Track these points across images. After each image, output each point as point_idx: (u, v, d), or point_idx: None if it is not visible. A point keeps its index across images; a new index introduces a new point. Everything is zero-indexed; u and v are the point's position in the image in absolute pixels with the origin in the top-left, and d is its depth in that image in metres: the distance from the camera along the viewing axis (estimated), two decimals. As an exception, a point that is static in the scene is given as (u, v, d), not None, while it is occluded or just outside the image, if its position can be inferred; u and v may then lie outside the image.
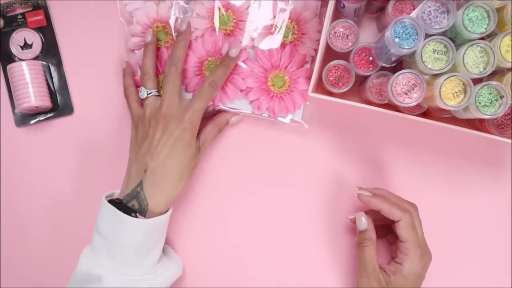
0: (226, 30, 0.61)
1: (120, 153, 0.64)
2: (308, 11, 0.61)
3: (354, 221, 0.57)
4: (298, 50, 0.61)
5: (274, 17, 0.60)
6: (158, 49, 0.62)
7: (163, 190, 0.55)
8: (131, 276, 0.54)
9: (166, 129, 0.55)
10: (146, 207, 0.55)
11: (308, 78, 0.59)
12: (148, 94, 0.56)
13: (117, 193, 0.57)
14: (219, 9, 0.60)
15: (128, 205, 0.54)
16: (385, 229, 0.61)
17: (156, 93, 0.57)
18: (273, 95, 0.61)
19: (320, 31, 0.61)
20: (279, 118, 0.62)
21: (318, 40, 0.61)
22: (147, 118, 0.56)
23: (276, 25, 0.60)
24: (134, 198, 0.55)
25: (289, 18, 0.60)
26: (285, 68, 0.61)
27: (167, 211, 0.57)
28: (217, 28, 0.60)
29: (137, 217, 0.53)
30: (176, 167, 0.56)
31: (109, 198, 0.55)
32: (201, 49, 0.61)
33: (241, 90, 0.61)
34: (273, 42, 0.60)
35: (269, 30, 0.61)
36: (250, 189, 0.64)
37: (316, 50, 0.61)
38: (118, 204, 0.54)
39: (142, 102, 0.59)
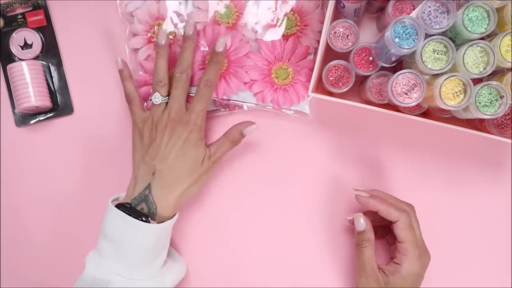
0: (228, 23, 0.61)
1: (120, 153, 0.64)
2: (310, 2, 0.61)
3: (352, 222, 0.57)
4: (301, 41, 0.61)
5: (276, 9, 0.61)
6: None
7: (172, 192, 0.55)
8: (140, 280, 0.54)
9: (173, 132, 0.56)
10: (155, 211, 0.55)
11: (311, 69, 0.59)
12: (162, 101, 0.57)
13: (122, 196, 0.57)
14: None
15: (137, 208, 0.54)
16: (384, 229, 0.61)
17: (167, 99, 0.57)
18: (277, 87, 0.61)
19: (322, 22, 0.61)
20: (283, 110, 0.62)
21: (321, 31, 0.61)
22: (154, 122, 0.56)
23: (278, 17, 0.61)
24: (142, 201, 0.55)
25: (291, 9, 0.61)
26: (289, 60, 0.61)
27: (174, 214, 0.57)
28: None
29: (148, 221, 0.53)
30: (184, 168, 0.56)
31: (116, 203, 0.55)
32: (204, 43, 0.61)
33: (245, 83, 0.61)
34: (276, 34, 0.61)
35: (271, 22, 0.61)
36: (251, 188, 0.64)
37: (319, 42, 0.61)
38: (128, 208, 0.54)
39: (143, 106, 0.59)
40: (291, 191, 0.64)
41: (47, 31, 0.65)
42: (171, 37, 0.61)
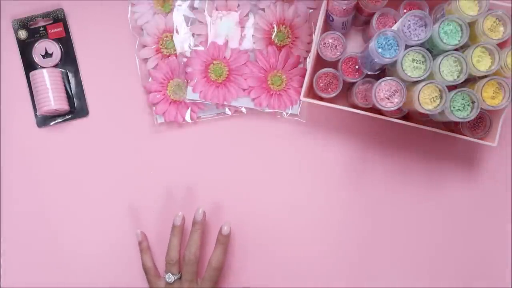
0: (228, 36, 0.62)
1: (129, 151, 0.65)
2: (299, 18, 0.62)
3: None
4: (293, 52, 0.62)
5: (271, 23, 0.62)
6: (168, 56, 0.63)
7: None
8: None
9: None
10: None
11: (302, 76, 0.60)
12: (174, 279, 0.60)
13: None
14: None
15: None
16: None
17: (179, 276, 0.60)
18: (272, 93, 0.62)
19: (310, 35, 0.63)
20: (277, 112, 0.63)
21: (309, 43, 0.62)
22: None
23: (272, 30, 0.62)
24: None
25: (283, 23, 0.62)
26: (282, 68, 0.62)
27: None
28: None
29: None
30: None
31: None
32: (206, 54, 0.62)
33: (244, 89, 0.62)
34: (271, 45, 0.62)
35: (267, 35, 0.62)
36: (249, 184, 0.64)
37: (308, 52, 0.62)
38: None
39: (158, 273, 0.62)
40: (285, 185, 0.64)
41: (66, 41, 0.65)
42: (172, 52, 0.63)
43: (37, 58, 0.64)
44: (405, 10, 0.55)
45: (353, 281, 0.63)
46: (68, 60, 0.65)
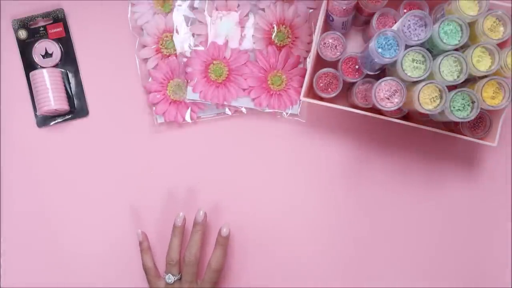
0: (228, 36, 0.62)
1: (129, 151, 0.65)
2: (299, 18, 0.62)
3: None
4: (293, 52, 0.62)
5: (271, 23, 0.62)
6: (168, 56, 0.63)
7: None
8: None
9: None
10: None
11: (302, 76, 0.60)
12: (174, 280, 0.60)
13: None
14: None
15: None
16: None
17: (179, 277, 0.60)
18: (272, 93, 0.62)
19: (310, 35, 0.63)
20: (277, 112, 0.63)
21: (309, 43, 0.63)
22: None
23: (272, 30, 0.62)
24: None
25: (283, 23, 0.62)
26: (282, 68, 0.62)
27: None
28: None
29: None
30: None
31: None
32: (206, 54, 0.62)
33: (244, 89, 0.62)
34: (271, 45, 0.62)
35: (267, 35, 0.62)
36: (248, 183, 0.64)
37: (308, 52, 0.63)
38: None
39: (159, 273, 0.62)
40: (286, 186, 0.64)
41: (66, 41, 0.65)
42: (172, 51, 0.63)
43: (37, 58, 0.64)
44: (405, 10, 0.56)
45: (353, 281, 0.63)
46: (68, 60, 0.65)
